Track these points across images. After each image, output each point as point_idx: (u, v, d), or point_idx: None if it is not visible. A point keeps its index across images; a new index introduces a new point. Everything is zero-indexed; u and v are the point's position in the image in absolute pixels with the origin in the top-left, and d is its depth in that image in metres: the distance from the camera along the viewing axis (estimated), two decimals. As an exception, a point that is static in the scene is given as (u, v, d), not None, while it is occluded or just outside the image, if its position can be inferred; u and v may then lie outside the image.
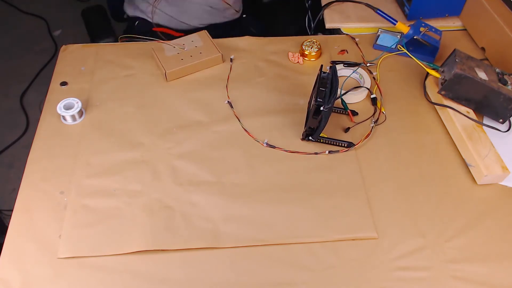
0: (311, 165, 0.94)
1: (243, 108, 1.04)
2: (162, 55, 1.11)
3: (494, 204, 0.89)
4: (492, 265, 0.81)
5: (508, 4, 1.07)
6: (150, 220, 0.85)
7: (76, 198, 0.88)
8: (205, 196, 0.89)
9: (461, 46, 1.11)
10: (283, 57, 1.16)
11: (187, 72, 1.11)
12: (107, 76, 1.10)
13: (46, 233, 0.83)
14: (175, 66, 1.08)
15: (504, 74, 0.98)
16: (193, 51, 1.12)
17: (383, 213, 0.87)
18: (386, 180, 0.92)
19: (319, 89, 0.88)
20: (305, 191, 0.90)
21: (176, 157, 0.95)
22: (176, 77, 1.10)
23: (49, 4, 2.54)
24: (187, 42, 1.14)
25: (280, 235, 0.84)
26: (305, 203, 0.88)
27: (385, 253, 0.82)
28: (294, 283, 0.78)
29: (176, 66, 1.08)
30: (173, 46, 1.12)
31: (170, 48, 1.12)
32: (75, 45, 1.18)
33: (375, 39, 1.19)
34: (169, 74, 1.08)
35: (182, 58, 1.10)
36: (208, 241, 0.83)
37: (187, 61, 1.10)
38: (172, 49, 1.12)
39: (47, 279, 0.78)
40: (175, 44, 1.12)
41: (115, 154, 0.95)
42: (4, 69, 2.22)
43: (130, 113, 1.03)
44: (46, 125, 1.00)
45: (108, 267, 0.79)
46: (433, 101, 1.04)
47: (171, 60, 1.10)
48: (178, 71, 1.09)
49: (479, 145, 0.93)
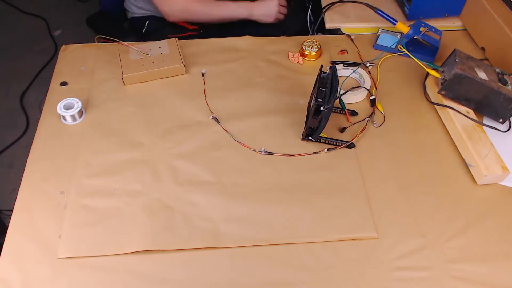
0: (311, 165, 0.94)
1: (244, 109, 1.04)
2: (125, 58, 1.09)
3: (494, 204, 0.89)
4: (492, 265, 0.81)
5: (508, 4, 1.07)
6: (150, 220, 0.85)
7: (76, 198, 0.88)
8: (205, 196, 0.89)
9: (461, 46, 1.11)
10: (283, 57, 1.16)
11: (146, 79, 1.08)
12: (107, 76, 1.10)
13: (46, 233, 0.83)
14: (133, 71, 1.06)
15: (504, 74, 0.98)
16: (157, 58, 1.09)
17: (383, 213, 0.87)
18: (386, 180, 0.92)
19: (319, 89, 0.88)
20: (305, 191, 0.90)
21: (176, 157, 0.95)
22: (135, 82, 1.07)
23: (49, 4, 2.54)
24: (154, 48, 1.11)
25: (280, 235, 0.84)
26: (305, 203, 0.88)
27: (385, 253, 0.82)
28: (294, 283, 0.78)
29: (134, 71, 1.06)
30: (138, 50, 1.10)
31: (135, 52, 1.10)
32: (75, 45, 1.18)
33: (375, 39, 1.19)
34: (126, 79, 1.06)
35: (143, 63, 1.08)
36: (208, 241, 0.83)
37: (148, 67, 1.07)
38: (137, 53, 1.10)
39: (47, 279, 0.78)
40: (140, 49, 1.10)
41: (115, 154, 0.95)
42: (4, 69, 2.22)
43: (130, 113, 1.03)
44: (46, 125, 1.00)
45: (108, 267, 0.79)
46: (433, 101, 1.04)
47: (132, 64, 1.08)
48: (136, 76, 1.06)
49: (479, 145, 0.93)
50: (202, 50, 1.17)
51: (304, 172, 0.93)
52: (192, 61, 1.14)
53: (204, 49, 1.18)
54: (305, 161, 0.95)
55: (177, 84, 1.09)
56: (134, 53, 1.10)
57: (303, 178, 0.92)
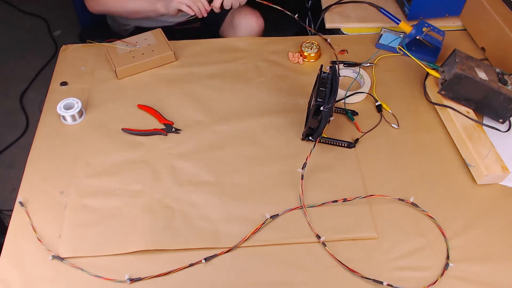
0: (311, 165, 0.94)
1: (244, 109, 1.04)
2: (114, 54, 1.11)
3: (494, 204, 0.89)
4: (492, 265, 0.81)
5: (508, 4, 1.07)
6: (150, 220, 0.85)
7: (76, 198, 0.88)
8: (205, 196, 0.89)
9: (461, 46, 1.11)
10: (283, 57, 1.16)
11: (138, 70, 1.11)
12: (107, 76, 1.10)
13: (46, 233, 0.83)
14: (125, 64, 1.09)
15: (504, 74, 0.98)
16: (145, 49, 1.12)
17: (383, 213, 0.87)
18: (386, 180, 0.92)
19: (319, 89, 0.88)
20: (305, 191, 0.90)
21: (176, 157, 0.95)
22: (128, 75, 1.10)
23: (49, 4, 2.54)
24: (140, 40, 1.14)
25: (280, 235, 0.84)
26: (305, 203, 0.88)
27: (385, 253, 0.82)
28: (294, 283, 0.78)
29: (126, 63, 1.09)
30: (126, 44, 1.12)
31: (123, 47, 1.12)
32: (75, 45, 1.18)
33: (378, 38, 1.19)
34: (119, 72, 1.08)
35: (133, 56, 1.11)
36: (208, 241, 0.83)
37: (138, 58, 1.10)
38: (125, 47, 1.12)
39: (47, 279, 0.78)
40: (127, 42, 1.13)
41: (115, 154, 0.95)
42: (4, 69, 2.22)
43: (130, 113, 1.03)
44: (46, 125, 1.00)
45: (108, 267, 0.79)
46: (433, 101, 1.04)
47: (122, 58, 1.10)
48: (129, 68, 1.09)
49: (479, 145, 0.93)
50: (202, 50, 1.17)
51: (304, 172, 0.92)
52: (192, 61, 1.15)
53: (204, 49, 1.18)
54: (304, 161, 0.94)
55: (177, 84, 1.09)
56: (122, 48, 1.12)
57: (304, 178, 0.91)
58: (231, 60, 1.15)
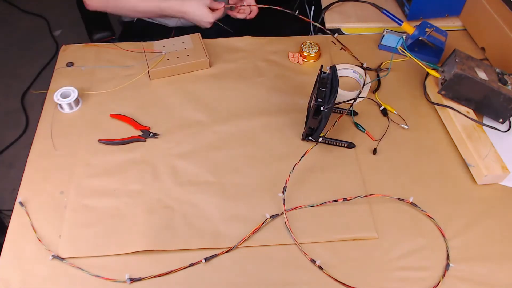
0: (311, 165, 0.94)
1: (244, 109, 1.04)
2: (150, 54, 1.11)
3: (494, 204, 0.89)
4: (492, 265, 0.81)
5: (508, 4, 1.07)
6: (150, 220, 0.85)
7: (76, 198, 0.88)
8: (205, 196, 0.89)
9: (461, 46, 1.11)
10: (283, 57, 1.16)
11: (171, 73, 1.10)
12: (107, 76, 1.10)
13: (46, 233, 0.83)
14: (159, 66, 1.09)
15: (504, 74, 0.98)
16: (181, 53, 1.12)
17: (383, 213, 0.87)
18: (386, 180, 0.92)
19: (319, 89, 0.88)
20: (305, 191, 0.90)
21: (176, 157, 0.95)
22: (160, 77, 1.10)
23: (49, 4, 2.54)
24: (178, 43, 1.14)
25: (280, 235, 0.84)
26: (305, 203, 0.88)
27: (385, 253, 0.82)
28: (294, 283, 0.78)
29: (160, 65, 1.09)
30: (163, 46, 1.12)
31: (160, 47, 1.12)
32: (75, 45, 1.18)
33: (380, 39, 1.18)
34: (152, 73, 1.09)
35: (168, 58, 1.10)
36: (208, 241, 0.83)
37: (173, 62, 1.10)
38: (162, 48, 1.12)
39: (47, 279, 0.78)
40: (164, 44, 1.13)
41: (115, 154, 0.95)
42: (4, 69, 2.22)
43: (130, 113, 1.03)
44: (46, 125, 1.00)
45: (108, 267, 0.79)
46: (433, 101, 1.04)
47: (157, 59, 1.10)
48: (161, 71, 1.09)
49: (479, 145, 0.93)
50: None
51: (304, 172, 0.93)
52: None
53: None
54: (305, 161, 0.94)
55: (177, 83, 1.09)
56: (158, 49, 1.12)
57: (303, 178, 0.92)
58: (231, 60, 1.15)
